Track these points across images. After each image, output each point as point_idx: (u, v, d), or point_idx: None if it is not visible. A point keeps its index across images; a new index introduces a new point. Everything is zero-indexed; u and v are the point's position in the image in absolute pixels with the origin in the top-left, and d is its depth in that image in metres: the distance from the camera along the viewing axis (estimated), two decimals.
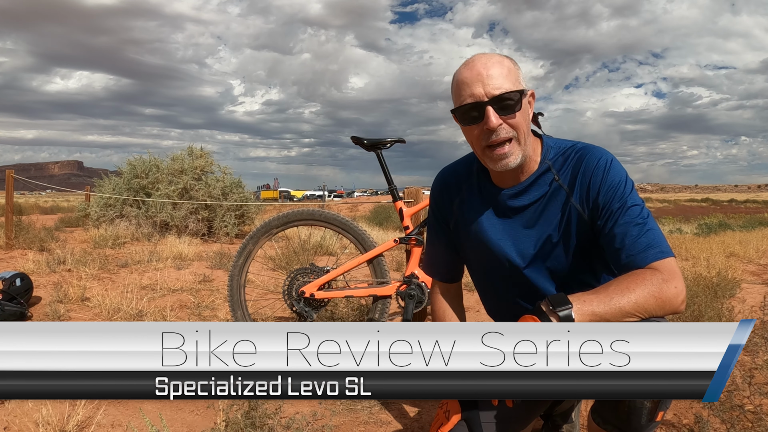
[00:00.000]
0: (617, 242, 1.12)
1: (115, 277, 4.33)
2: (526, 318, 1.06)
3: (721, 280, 3.55)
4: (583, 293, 1.06)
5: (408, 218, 2.31)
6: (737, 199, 51.13)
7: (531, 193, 1.23)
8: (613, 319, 1.03)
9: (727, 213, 17.80)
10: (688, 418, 1.83)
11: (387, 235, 7.86)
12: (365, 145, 2.33)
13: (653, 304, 1.03)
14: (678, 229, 9.79)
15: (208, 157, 8.30)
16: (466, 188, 1.34)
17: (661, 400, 1.01)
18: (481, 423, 1.27)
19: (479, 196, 1.31)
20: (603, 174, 1.16)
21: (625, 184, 1.15)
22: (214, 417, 1.85)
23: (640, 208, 1.13)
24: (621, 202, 1.13)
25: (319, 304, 2.31)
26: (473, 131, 1.17)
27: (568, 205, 1.20)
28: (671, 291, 1.04)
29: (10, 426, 1.72)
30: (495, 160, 1.17)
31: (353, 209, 18.14)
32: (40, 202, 27.79)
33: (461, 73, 1.17)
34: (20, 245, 5.77)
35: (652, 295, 1.03)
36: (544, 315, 1.03)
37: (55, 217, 11.05)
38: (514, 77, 1.15)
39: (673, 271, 1.06)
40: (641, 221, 1.11)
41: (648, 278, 1.05)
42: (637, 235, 1.10)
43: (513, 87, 1.13)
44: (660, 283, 1.04)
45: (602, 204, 1.15)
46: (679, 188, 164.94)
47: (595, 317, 1.03)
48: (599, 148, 1.21)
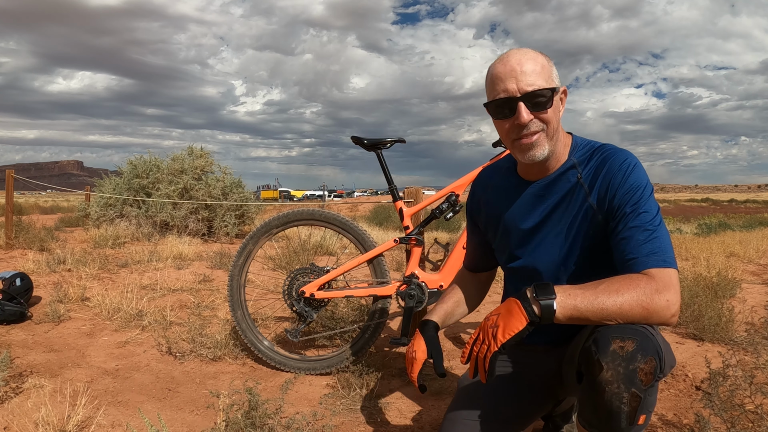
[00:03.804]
0: (622, 245, 1.12)
1: (115, 277, 4.33)
2: (509, 301, 1.08)
3: (721, 280, 3.55)
4: (571, 286, 1.07)
5: (408, 218, 2.31)
6: (737, 199, 51.11)
7: (553, 188, 1.26)
8: (594, 318, 1.04)
9: (727, 213, 17.79)
10: (688, 417, 1.83)
11: (387, 235, 7.86)
12: (365, 145, 2.33)
13: (638, 311, 1.02)
14: (678, 229, 9.78)
15: (209, 157, 8.30)
16: (498, 179, 1.39)
17: (640, 402, 0.98)
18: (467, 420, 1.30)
19: (507, 188, 1.35)
20: (623, 177, 1.16)
21: (643, 190, 1.14)
22: (214, 417, 1.85)
23: (652, 215, 1.11)
24: (634, 207, 1.13)
25: (319, 304, 2.30)
26: (504, 125, 1.20)
27: (586, 203, 1.21)
28: (661, 302, 1.02)
29: (10, 426, 1.72)
30: (523, 151, 1.19)
31: (353, 209, 18.14)
32: (40, 202, 27.79)
33: (496, 68, 1.18)
34: (20, 245, 5.77)
35: (639, 303, 1.02)
36: (527, 301, 1.05)
37: (55, 217, 11.05)
38: (547, 74, 1.16)
39: (669, 283, 1.04)
40: (650, 228, 1.10)
41: (641, 285, 1.04)
42: (643, 241, 1.09)
43: (546, 84, 1.15)
44: (651, 293, 1.03)
45: (616, 206, 1.15)
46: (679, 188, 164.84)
47: (576, 312, 1.03)
48: (625, 151, 1.21)
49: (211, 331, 2.69)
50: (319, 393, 2.16)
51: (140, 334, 2.87)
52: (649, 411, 1.02)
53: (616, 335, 1.01)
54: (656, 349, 1.00)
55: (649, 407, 1.01)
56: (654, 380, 0.99)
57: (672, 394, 2.08)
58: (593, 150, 1.24)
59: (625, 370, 0.98)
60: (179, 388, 2.20)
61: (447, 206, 2.21)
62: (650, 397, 1.00)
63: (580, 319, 1.04)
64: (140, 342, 2.75)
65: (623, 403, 0.98)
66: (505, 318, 1.07)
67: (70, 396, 1.96)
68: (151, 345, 2.70)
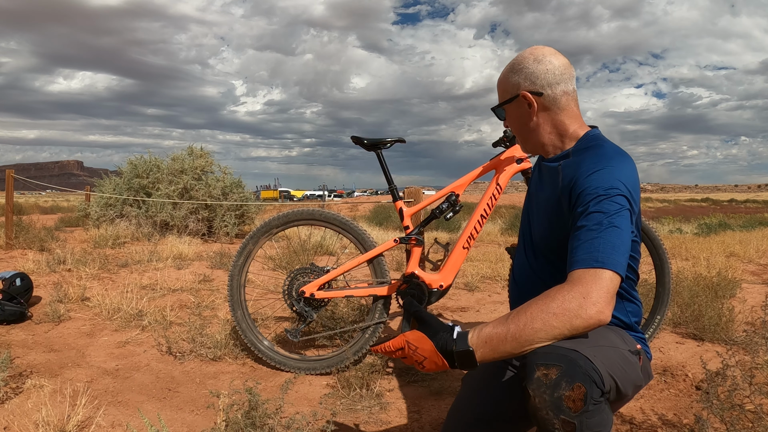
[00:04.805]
0: (569, 246, 1.10)
1: (115, 276, 4.33)
2: (431, 345, 1.04)
3: (721, 280, 3.55)
4: (485, 324, 1.04)
5: (408, 218, 2.31)
6: (737, 199, 51.10)
7: (547, 169, 1.31)
8: (517, 352, 1.00)
9: (727, 213, 17.79)
10: (688, 417, 1.84)
11: (387, 235, 7.86)
12: (365, 144, 2.33)
13: (557, 325, 0.98)
14: (678, 229, 9.78)
15: (209, 156, 8.30)
16: (538, 162, 1.46)
17: (575, 428, 0.94)
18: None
19: (538, 168, 1.43)
20: (587, 176, 1.14)
21: (602, 190, 1.10)
22: (214, 417, 1.85)
23: (603, 215, 1.07)
24: (585, 206, 1.10)
25: (319, 303, 2.30)
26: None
27: (557, 191, 1.24)
28: (578, 303, 0.97)
29: (10, 426, 1.72)
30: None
31: (353, 209, 18.14)
32: (40, 202, 27.78)
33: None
34: (20, 245, 5.77)
35: (554, 314, 0.98)
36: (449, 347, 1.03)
37: (55, 217, 11.05)
38: (504, 87, 1.32)
39: (594, 283, 0.99)
40: (595, 227, 1.06)
41: (554, 294, 1.00)
42: (584, 240, 1.06)
43: (501, 98, 1.32)
44: (566, 299, 0.98)
45: (574, 204, 1.15)
46: (679, 188, 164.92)
47: (493, 355, 1.00)
48: (612, 153, 1.18)
49: (211, 331, 2.69)
50: (319, 393, 2.16)
51: (140, 334, 2.87)
52: (596, 431, 0.96)
53: (540, 362, 0.98)
54: (586, 375, 0.95)
55: (595, 427, 0.96)
56: (586, 405, 0.95)
57: (672, 394, 2.08)
58: (588, 146, 1.25)
59: (551, 398, 0.96)
60: (179, 388, 2.21)
61: (447, 206, 2.21)
62: (591, 420, 0.96)
63: (504, 356, 1.01)
64: (140, 342, 2.75)
65: (556, 428, 0.96)
66: (427, 356, 1.05)
67: (70, 396, 1.96)
68: (151, 345, 2.70)
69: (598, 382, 0.97)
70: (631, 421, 1.84)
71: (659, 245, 2.41)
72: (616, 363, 1.06)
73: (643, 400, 2.03)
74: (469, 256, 5.15)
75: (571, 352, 0.98)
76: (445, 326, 1.07)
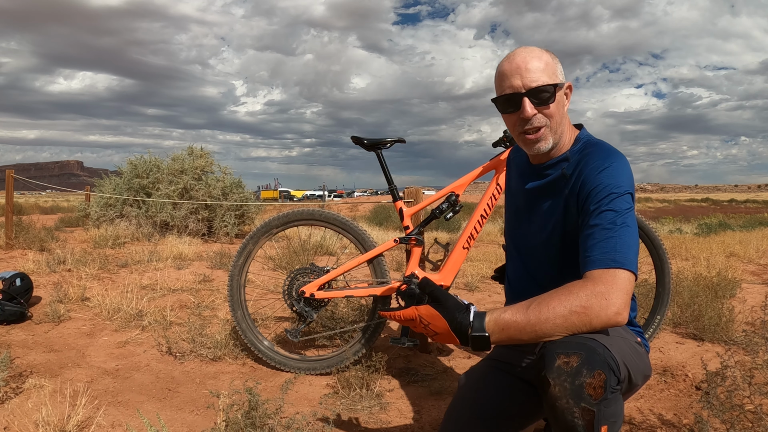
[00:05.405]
0: (582, 242, 1.12)
1: (115, 277, 4.33)
2: (445, 324, 1.08)
3: (721, 280, 3.55)
4: (504, 309, 1.07)
5: (408, 218, 2.31)
6: (737, 199, 51.09)
7: (546, 174, 1.30)
8: (530, 339, 1.03)
9: (727, 213, 17.79)
10: (688, 418, 1.84)
11: (387, 235, 7.86)
12: (365, 144, 2.33)
13: (575, 320, 1.01)
14: (678, 229, 9.78)
15: (209, 157, 8.30)
16: (518, 158, 1.45)
17: (594, 416, 0.96)
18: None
19: (520, 165, 1.42)
20: (595, 174, 1.17)
21: (613, 188, 1.13)
22: (214, 417, 1.85)
23: (616, 214, 1.10)
24: (598, 204, 1.13)
25: (319, 304, 2.30)
26: (511, 119, 1.26)
27: (564, 194, 1.24)
28: (598, 303, 1.00)
29: (10, 426, 1.72)
30: (529, 145, 1.26)
31: (353, 209, 18.14)
32: (40, 202, 27.78)
33: (503, 66, 1.24)
34: (20, 245, 5.77)
35: (573, 311, 1.01)
36: (464, 324, 1.06)
37: (55, 217, 11.05)
38: (551, 71, 1.22)
39: (614, 284, 1.02)
40: (610, 226, 1.09)
41: (574, 292, 1.03)
42: (600, 240, 1.08)
43: (549, 80, 1.20)
44: (587, 297, 1.01)
45: (584, 202, 1.17)
46: (679, 188, 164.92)
47: (508, 338, 1.03)
48: (609, 150, 1.22)
49: (211, 331, 2.70)
50: (319, 393, 2.16)
51: (140, 334, 2.87)
52: (612, 421, 0.98)
53: (560, 350, 0.99)
54: (605, 362, 0.97)
55: (611, 417, 0.98)
56: (606, 393, 0.96)
57: (672, 394, 2.08)
58: (585, 145, 1.27)
59: (572, 386, 0.97)
60: (179, 388, 2.21)
61: (447, 206, 2.21)
62: (608, 409, 0.97)
63: (517, 342, 1.05)
64: (140, 342, 2.75)
65: (576, 417, 0.97)
66: (439, 332, 1.10)
67: (70, 396, 1.96)
68: (151, 345, 2.70)
69: (615, 370, 1.00)
70: (631, 422, 1.84)
71: (659, 245, 2.41)
72: (628, 353, 1.09)
73: (643, 400, 2.03)
74: (469, 256, 5.15)
75: (589, 340, 1.01)
76: (461, 305, 1.09)
